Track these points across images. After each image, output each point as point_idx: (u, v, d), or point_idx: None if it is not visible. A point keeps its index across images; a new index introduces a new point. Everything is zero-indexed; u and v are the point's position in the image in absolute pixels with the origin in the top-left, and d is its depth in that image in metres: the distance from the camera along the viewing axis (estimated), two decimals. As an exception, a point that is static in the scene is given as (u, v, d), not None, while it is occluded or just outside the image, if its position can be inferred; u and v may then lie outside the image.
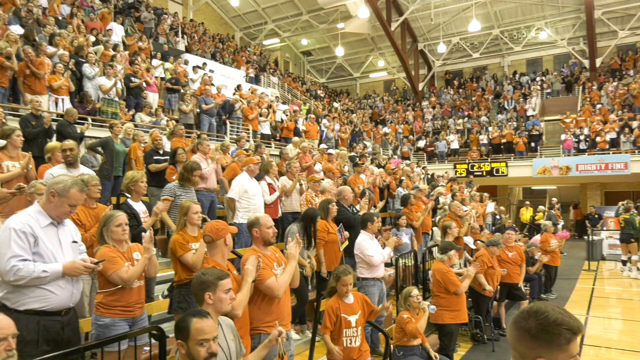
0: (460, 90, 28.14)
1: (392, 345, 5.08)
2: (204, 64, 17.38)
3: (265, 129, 14.45)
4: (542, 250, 9.69)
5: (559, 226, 16.76)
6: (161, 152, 7.25)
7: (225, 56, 21.06)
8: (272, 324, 3.19)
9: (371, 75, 32.50)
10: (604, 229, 16.58)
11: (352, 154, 13.14)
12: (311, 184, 7.07)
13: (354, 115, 24.08)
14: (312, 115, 17.18)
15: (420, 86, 28.51)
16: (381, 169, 11.62)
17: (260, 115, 14.27)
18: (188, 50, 18.84)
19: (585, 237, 14.99)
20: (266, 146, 12.22)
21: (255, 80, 21.55)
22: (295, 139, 12.52)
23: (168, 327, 4.20)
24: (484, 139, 22.15)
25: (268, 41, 29.64)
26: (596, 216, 17.48)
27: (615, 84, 22.76)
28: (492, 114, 25.22)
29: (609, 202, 21.60)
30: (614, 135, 19.27)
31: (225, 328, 2.92)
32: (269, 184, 6.81)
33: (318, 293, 5.36)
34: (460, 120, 24.46)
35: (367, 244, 5.57)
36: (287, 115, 15.92)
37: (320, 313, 5.30)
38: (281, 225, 7.03)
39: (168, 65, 14.16)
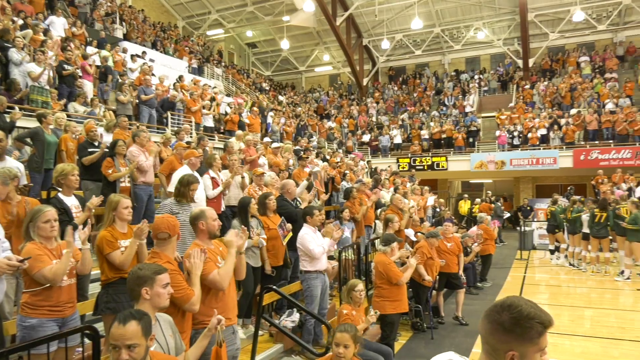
0: (403, 87, 28.81)
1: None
2: (144, 52, 16.74)
3: (209, 122, 14.14)
4: (485, 239, 10.15)
5: (504, 217, 17.71)
6: (96, 143, 6.91)
7: (167, 45, 20.38)
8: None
9: (317, 69, 32.58)
10: (535, 220, 17.55)
11: (297, 147, 13.12)
12: (254, 178, 6.99)
13: (300, 108, 24.07)
14: (255, 109, 17.00)
15: (365, 81, 28.93)
16: (325, 163, 11.69)
17: (203, 107, 13.94)
18: (126, 38, 18.06)
19: (518, 227, 15.82)
20: (209, 139, 11.97)
21: (199, 71, 21.02)
22: (239, 132, 12.34)
23: (102, 326, 4.02)
24: (425, 134, 22.82)
25: (212, 32, 28.99)
26: (528, 208, 18.48)
27: (546, 83, 24.11)
28: (433, 109, 26.02)
29: (540, 194, 22.93)
30: (544, 131, 20.43)
31: (164, 324, 2.83)
32: (212, 178, 6.66)
33: (262, 288, 5.33)
34: (403, 116, 25.05)
35: (308, 237, 5.60)
36: (231, 108, 15.66)
37: (264, 307, 5.27)
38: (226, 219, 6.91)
39: (105, 53, 13.51)
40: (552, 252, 13.19)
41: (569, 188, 18.50)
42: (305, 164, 9.79)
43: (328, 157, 13.92)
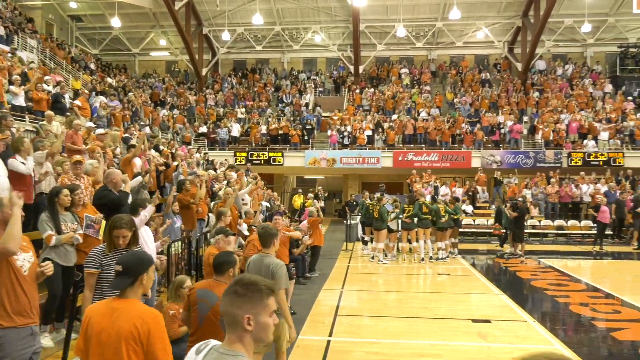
0: (243, 80, 28.79)
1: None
2: None
3: (19, 100, 12.25)
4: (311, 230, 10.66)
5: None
6: None
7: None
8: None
9: (152, 53, 30.61)
10: (359, 214, 19.09)
11: (126, 135, 12.18)
12: (71, 166, 6.28)
13: (131, 94, 22.36)
14: (87, 91, 15.32)
15: (204, 71, 28.15)
16: (157, 153, 11.08)
17: (11, 83, 12.03)
18: None
19: (345, 221, 17.04)
20: (18, 120, 10.42)
21: (7, 40, 18.10)
22: (49, 112, 10.94)
23: None
24: (263, 129, 23.16)
25: (26, -4, 25.18)
26: (354, 203, 20.04)
27: (372, 90, 26.43)
28: (272, 105, 26.55)
29: (364, 190, 25.02)
30: (370, 133, 22.39)
31: None
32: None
33: (75, 287, 4.81)
34: (243, 110, 25.05)
35: (139, 222, 5.23)
36: (48, 85, 13.80)
37: (77, 309, 4.77)
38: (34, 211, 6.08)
39: None
40: (364, 242, 14.45)
41: (380, 185, 20.45)
42: (136, 153, 9.12)
43: (162, 147, 13.20)
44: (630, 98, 24.02)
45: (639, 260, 14.05)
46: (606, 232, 15.88)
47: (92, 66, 25.03)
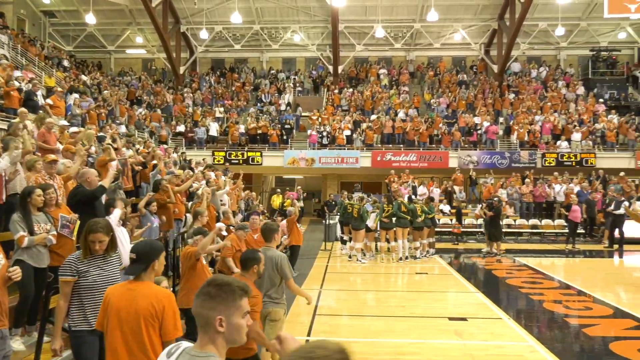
0: (222, 79, 28.56)
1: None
2: None
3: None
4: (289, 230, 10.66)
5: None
6: None
7: None
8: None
9: (128, 50, 30.10)
10: (338, 214, 19.13)
11: (101, 134, 11.94)
12: (45, 165, 6.13)
13: (106, 92, 21.94)
14: (60, 89, 14.96)
15: (182, 70, 27.81)
16: (133, 152, 10.90)
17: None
18: None
19: (324, 221, 17.07)
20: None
21: (-24, 35, 17.58)
22: (22, 109, 10.66)
23: None
24: (241, 128, 23.01)
25: (-4, -9, 24.48)
26: (333, 203, 20.07)
27: (351, 90, 26.53)
28: (251, 105, 26.41)
29: (343, 190, 25.09)
30: (349, 133, 22.46)
31: None
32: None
33: (47, 288, 4.70)
34: (221, 109, 24.84)
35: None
36: (19, 82, 13.44)
37: (50, 311, 4.67)
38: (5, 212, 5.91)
39: None
40: (343, 242, 14.50)
41: (355, 185, 20.47)
42: (113, 156, 8.93)
43: (139, 146, 13.00)
44: (601, 100, 24.68)
45: (609, 258, 14.44)
46: (578, 231, 16.30)
47: (66, 63, 24.48)
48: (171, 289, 5.04)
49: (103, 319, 2.93)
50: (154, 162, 10.69)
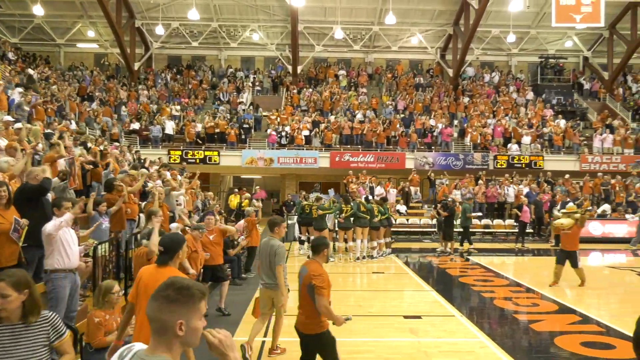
0: (178, 77, 27.95)
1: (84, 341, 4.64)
2: None
3: None
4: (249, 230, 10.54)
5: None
6: None
7: None
8: None
9: (79, 44, 28.95)
10: (296, 214, 19.11)
11: (49, 130, 11.42)
12: (-14, 162, 5.81)
13: (55, 87, 21.03)
14: (1, 82, 14.17)
15: (136, 66, 27.01)
16: (84, 150, 10.50)
17: None
18: None
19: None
20: None
21: None
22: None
23: None
24: (198, 127, 22.60)
25: None
26: (291, 203, 20.03)
27: (311, 90, 26.56)
28: (208, 103, 25.98)
29: (302, 190, 25.09)
30: (307, 133, 22.48)
31: None
32: None
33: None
34: (177, 107, 24.30)
35: (50, 227, 4.92)
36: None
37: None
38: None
39: None
40: (301, 242, 14.52)
41: (315, 185, 20.56)
42: (58, 150, 8.57)
43: (90, 144, 12.51)
44: (549, 105, 25.83)
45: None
46: (527, 231, 16.98)
47: (11, 56, 23.30)
48: (123, 291, 4.87)
49: (135, 293, 3.60)
50: (108, 160, 10.35)
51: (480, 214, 18.21)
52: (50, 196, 6.09)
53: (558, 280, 9.82)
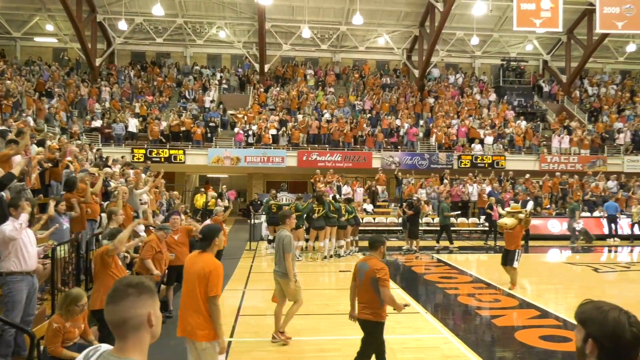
0: (142, 74, 27.32)
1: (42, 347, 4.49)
2: None
3: None
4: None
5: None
6: None
7: None
8: None
9: (37, 38, 27.87)
10: (264, 213, 19.01)
11: (3, 127, 10.97)
12: None
13: (9, 82, 20.19)
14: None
15: (98, 62, 26.23)
16: (42, 148, 10.11)
17: None
18: None
19: (249, 220, 16.88)
20: None
21: None
22: None
23: None
24: (162, 125, 22.16)
25: None
26: (258, 202, 19.89)
27: (278, 89, 26.46)
28: (173, 101, 25.52)
29: (270, 190, 24.96)
30: (275, 132, 22.38)
31: None
32: None
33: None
34: (141, 104, 23.75)
35: (8, 229, 4.75)
36: None
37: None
38: None
39: None
40: (269, 241, 14.46)
41: (281, 184, 20.50)
42: (19, 150, 8.22)
43: (49, 142, 12.07)
44: (510, 107, 26.59)
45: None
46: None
47: (-36, 49, 22.24)
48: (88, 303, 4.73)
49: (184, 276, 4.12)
50: (68, 159, 10.02)
51: (458, 212, 18.51)
52: (4, 195, 5.86)
53: (515, 282, 9.79)
